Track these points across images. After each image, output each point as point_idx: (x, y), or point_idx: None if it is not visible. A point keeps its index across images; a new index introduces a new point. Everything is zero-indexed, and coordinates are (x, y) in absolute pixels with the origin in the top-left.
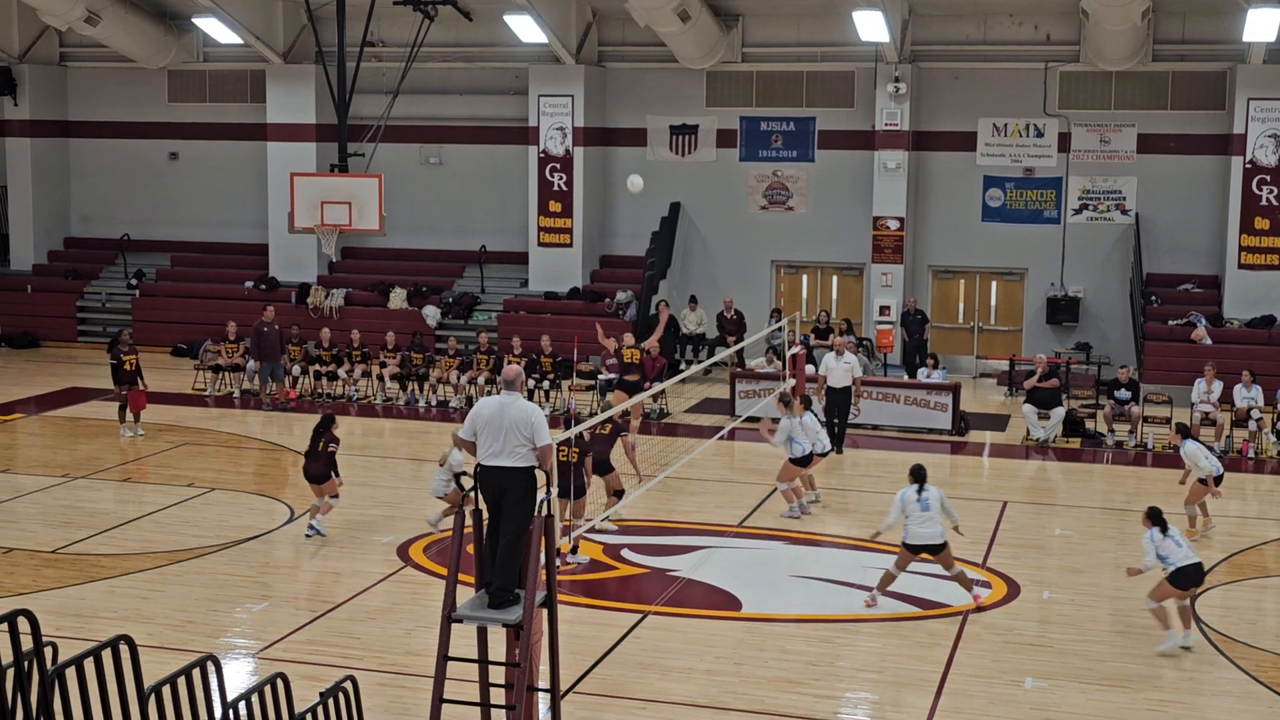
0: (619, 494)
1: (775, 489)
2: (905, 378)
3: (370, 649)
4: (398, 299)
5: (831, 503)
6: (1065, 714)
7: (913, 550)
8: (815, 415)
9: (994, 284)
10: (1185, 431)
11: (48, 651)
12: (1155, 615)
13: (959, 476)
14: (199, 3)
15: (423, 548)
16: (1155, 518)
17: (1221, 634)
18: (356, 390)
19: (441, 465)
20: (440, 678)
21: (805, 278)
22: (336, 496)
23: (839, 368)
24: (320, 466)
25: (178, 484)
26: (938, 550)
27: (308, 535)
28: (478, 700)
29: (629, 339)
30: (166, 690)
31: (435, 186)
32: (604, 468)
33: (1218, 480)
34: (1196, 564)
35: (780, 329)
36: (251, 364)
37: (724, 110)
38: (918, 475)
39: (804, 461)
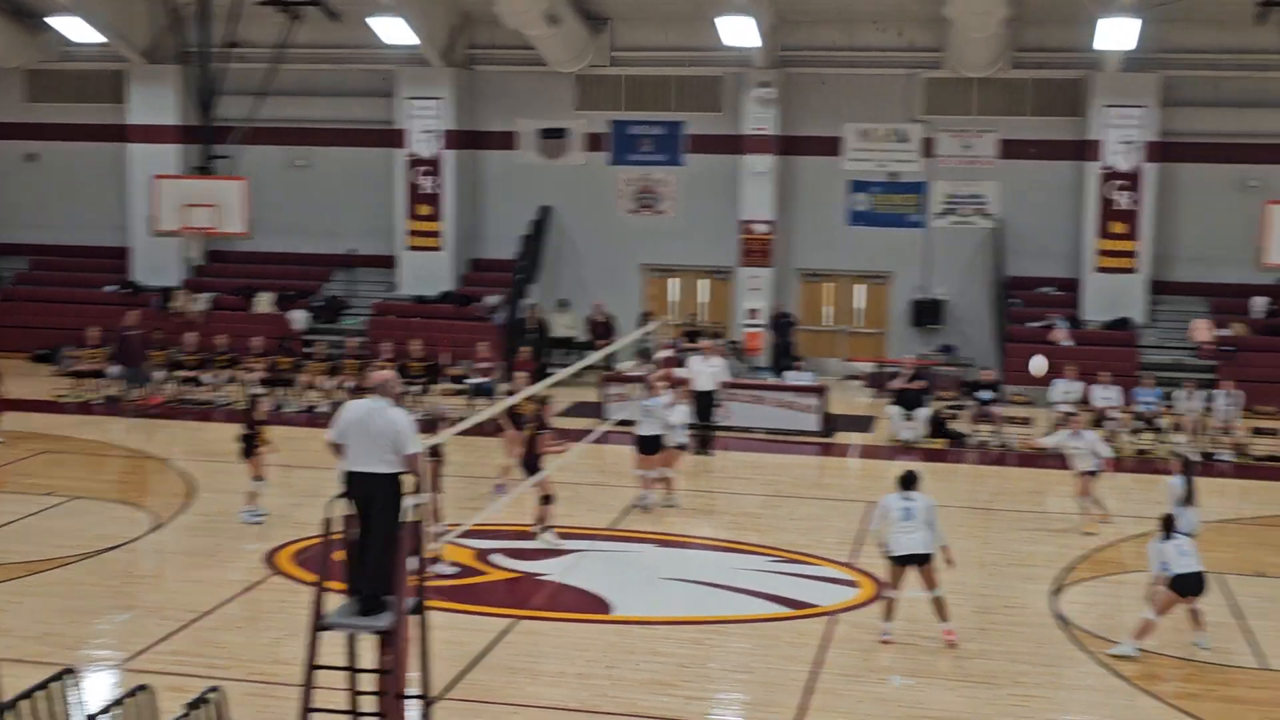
0: (548, 499)
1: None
2: (773, 380)
3: (237, 659)
4: (264, 303)
5: (700, 505)
6: (931, 711)
7: (899, 563)
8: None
9: (860, 287)
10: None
11: None
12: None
13: (826, 477)
14: (57, 1)
15: (291, 555)
16: (1167, 525)
17: (1082, 629)
18: (222, 396)
19: None
20: (308, 686)
21: (674, 281)
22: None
23: (705, 371)
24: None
25: (36, 493)
26: (923, 561)
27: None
28: (347, 709)
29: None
30: (25, 704)
31: (302, 189)
32: (533, 467)
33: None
34: (1197, 572)
35: (650, 332)
36: (114, 370)
37: (593, 114)
38: (905, 481)
39: (650, 446)
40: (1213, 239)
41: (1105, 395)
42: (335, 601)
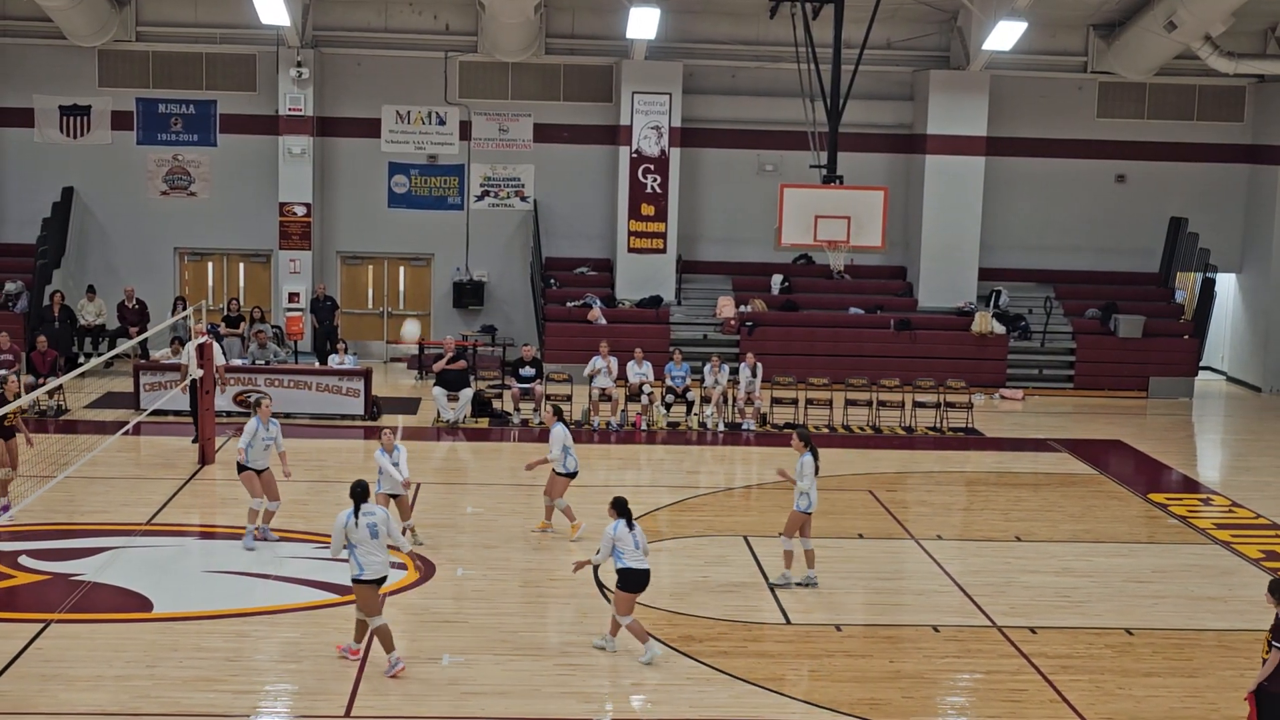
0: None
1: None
2: (316, 364)
3: None
4: None
5: (243, 493)
6: (481, 686)
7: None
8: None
9: (402, 269)
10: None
11: None
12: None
13: (371, 461)
14: None
15: None
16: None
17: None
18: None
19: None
20: None
21: (211, 264)
22: None
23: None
24: None
25: None
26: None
27: None
28: None
29: None
30: None
31: None
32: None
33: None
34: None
35: (185, 318)
36: None
37: (119, 91)
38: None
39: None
40: (734, 220)
41: (639, 371)
42: None
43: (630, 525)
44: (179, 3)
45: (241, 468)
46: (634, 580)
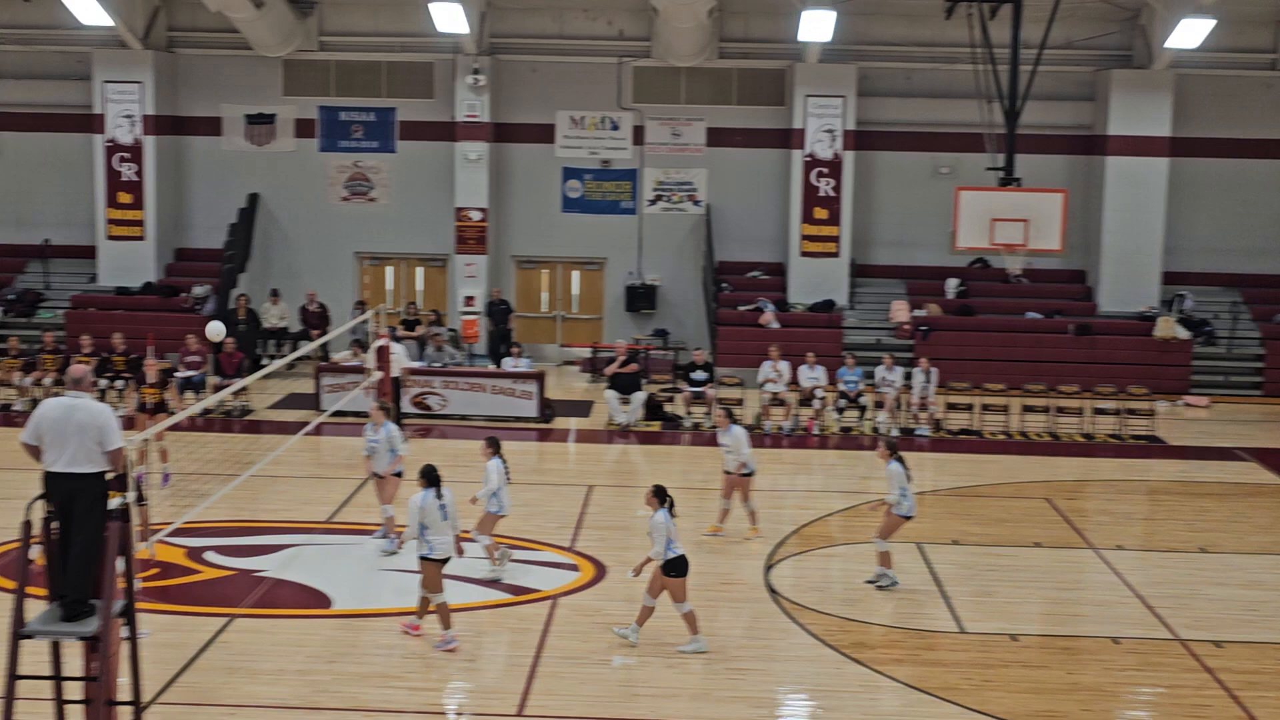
0: None
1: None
2: (491, 367)
3: None
4: None
5: (405, 494)
6: (651, 688)
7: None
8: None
9: (575, 273)
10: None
11: None
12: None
13: (546, 463)
14: None
15: None
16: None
17: (793, 601)
18: None
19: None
20: (9, 699)
21: (390, 268)
22: None
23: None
24: None
25: None
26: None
27: None
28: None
29: None
30: None
31: None
32: None
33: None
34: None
35: (365, 321)
36: None
37: (302, 99)
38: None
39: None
40: (908, 224)
41: (811, 375)
42: (37, 608)
43: (672, 512)
44: (360, 12)
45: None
46: (684, 566)
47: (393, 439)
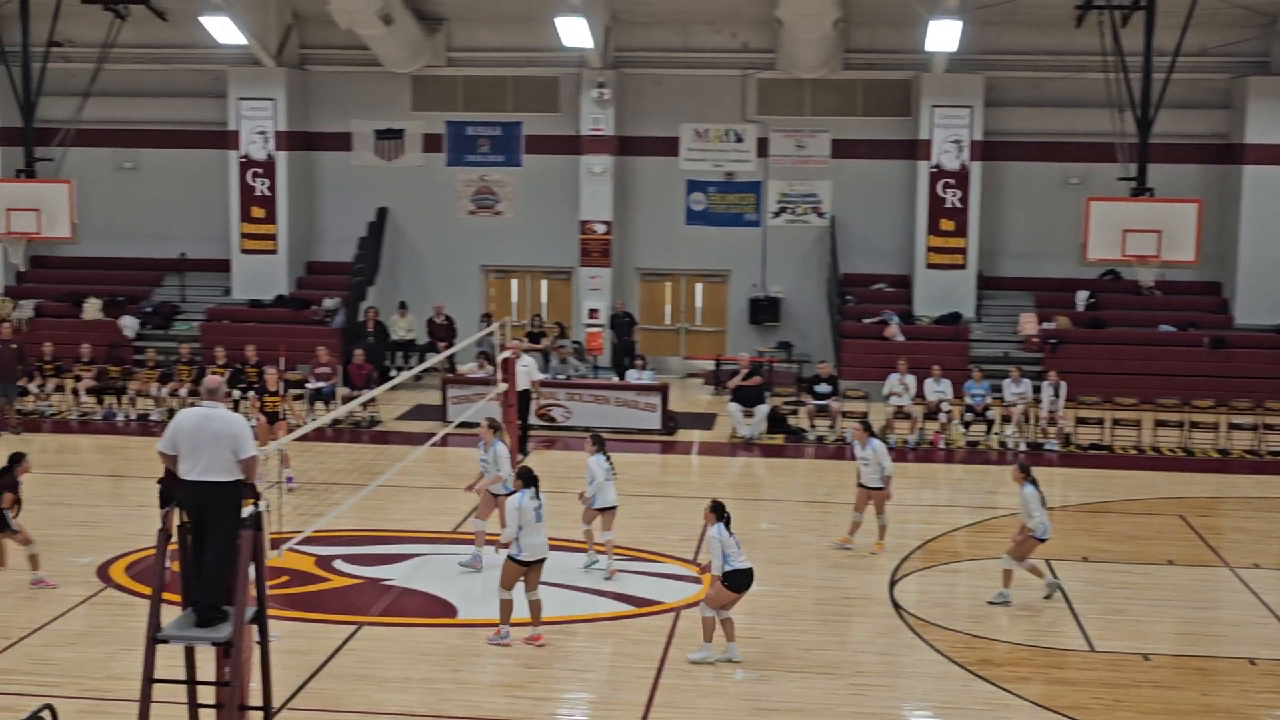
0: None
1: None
2: (615, 379)
3: (70, 675)
4: (92, 309)
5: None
6: (774, 703)
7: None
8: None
9: (699, 286)
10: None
11: None
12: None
13: (669, 475)
14: None
15: (124, 567)
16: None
17: (918, 617)
18: (50, 405)
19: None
20: (146, 701)
21: (515, 281)
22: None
23: (517, 371)
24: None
25: None
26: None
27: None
28: None
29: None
30: None
31: (131, 192)
32: None
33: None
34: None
35: (491, 334)
36: None
37: (430, 115)
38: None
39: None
40: (1037, 235)
41: (937, 389)
42: (172, 614)
43: (729, 527)
44: (487, 28)
45: None
46: (743, 580)
47: (499, 458)
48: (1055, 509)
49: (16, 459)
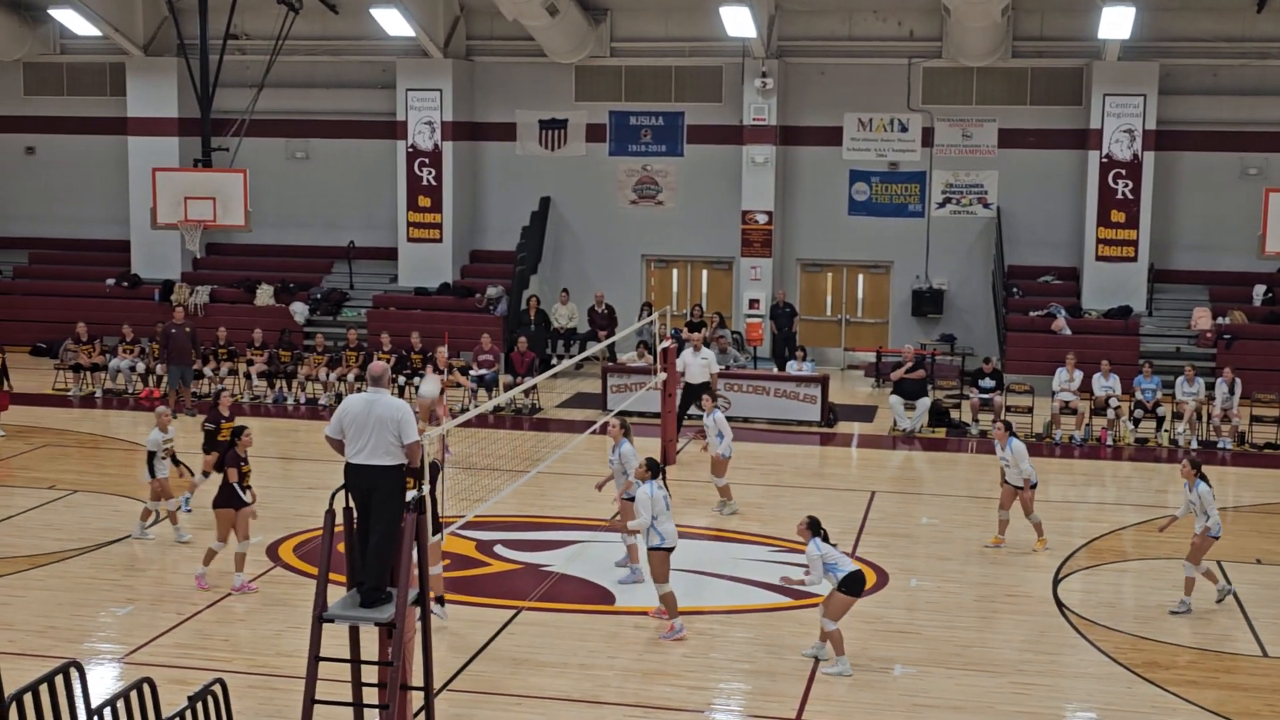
0: None
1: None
2: (775, 370)
3: (240, 651)
4: (265, 295)
5: (702, 495)
6: (932, 699)
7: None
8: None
9: (861, 277)
10: (1010, 429)
11: None
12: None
13: (828, 467)
14: None
15: (293, 548)
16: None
17: (1082, 617)
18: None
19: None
20: (312, 678)
21: (675, 271)
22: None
23: (695, 363)
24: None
25: (39, 486)
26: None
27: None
28: (350, 700)
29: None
30: (29, 698)
31: (302, 181)
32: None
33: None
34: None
35: (651, 323)
36: (160, 367)
37: (593, 105)
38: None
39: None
40: (1212, 227)
41: (1106, 384)
42: (337, 594)
43: (826, 538)
44: (651, 18)
45: None
46: (858, 583)
47: (625, 460)
48: (1228, 509)
49: (238, 432)
